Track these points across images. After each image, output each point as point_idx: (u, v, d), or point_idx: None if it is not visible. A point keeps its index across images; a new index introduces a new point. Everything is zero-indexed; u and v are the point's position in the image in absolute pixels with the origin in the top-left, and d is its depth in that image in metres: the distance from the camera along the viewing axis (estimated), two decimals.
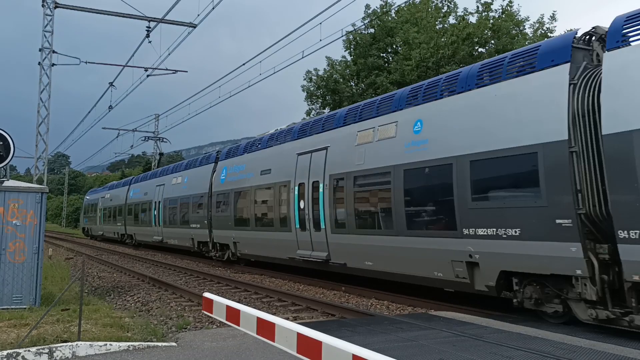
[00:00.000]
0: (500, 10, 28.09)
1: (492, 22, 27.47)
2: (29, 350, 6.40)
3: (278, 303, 11.53)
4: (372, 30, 31.47)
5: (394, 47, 31.09)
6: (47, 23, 19.43)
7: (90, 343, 6.76)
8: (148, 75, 24.11)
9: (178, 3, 17.32)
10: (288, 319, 6.67)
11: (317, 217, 13.43)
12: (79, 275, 7.41)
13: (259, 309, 6.05)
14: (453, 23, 28.52)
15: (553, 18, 27.88)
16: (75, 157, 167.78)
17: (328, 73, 31.62)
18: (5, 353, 6.24)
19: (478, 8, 28.51)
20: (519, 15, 28.19)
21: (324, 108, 31.46)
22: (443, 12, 29.78)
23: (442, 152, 9.74)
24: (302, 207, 14.06)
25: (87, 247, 34.23)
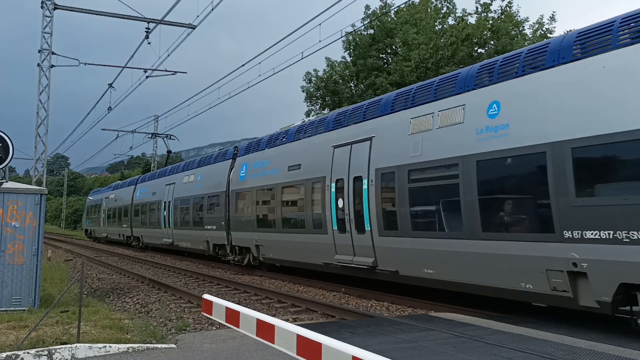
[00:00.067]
0: (500, 11, 28.13)
1: (491, 22, 27.51)
2: (28, 352, 6.39)
3: (278, 304, 11.51)
4: (371, 31, 31.55)
5: (394, 47, 31.15)
6: (46, 24, 19.40)
7: (90, 345, 6.75)
8: (147, 77, 24.06)
9: (177, 4, 17.34)
10: (288, 321, 6.65)
11: (360, 217, 11.89)
12: (78, 277, 7.40)
13: (259, 311, 6.05)
14: (452, 24, 28.58)
15: (552, 19, 27.99)
16: (75, 158, 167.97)
17: (327, 74, 31.68)
18: (4, 355, 6.23)
19: (477, 9, 28.57)
20: (518, 16, 28.24)
21: (324, 109, 31.52)
22: (442, 12, 29.82)
23: (530, 138, 8.24)
24: (340, 206, 12.58)
25: (86, 248, 34.21)
